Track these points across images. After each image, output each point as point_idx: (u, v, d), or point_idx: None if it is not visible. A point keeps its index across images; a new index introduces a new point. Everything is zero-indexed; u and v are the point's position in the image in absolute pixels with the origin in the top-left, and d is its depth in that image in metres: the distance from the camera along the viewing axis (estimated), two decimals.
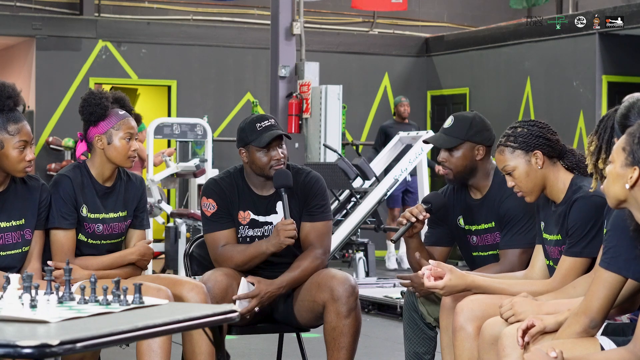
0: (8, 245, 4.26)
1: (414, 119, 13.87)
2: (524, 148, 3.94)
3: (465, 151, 4.41)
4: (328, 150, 11.36)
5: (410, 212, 4.41)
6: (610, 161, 3.06)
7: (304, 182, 4.76)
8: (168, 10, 14.82)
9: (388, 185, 9.90)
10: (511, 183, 3.98)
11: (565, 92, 13.03)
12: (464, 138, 4.40)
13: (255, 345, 6.95)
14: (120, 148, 4.48)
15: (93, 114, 4.47)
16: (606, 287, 3.25)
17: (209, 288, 4.49)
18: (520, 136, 3.96)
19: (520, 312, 3.58)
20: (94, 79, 13.87)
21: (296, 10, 12.18)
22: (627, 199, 3.02)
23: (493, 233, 4.44)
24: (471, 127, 4.42)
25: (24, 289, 3.17)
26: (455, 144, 4.40)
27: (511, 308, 3.60)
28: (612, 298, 3.27)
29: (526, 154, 3.94)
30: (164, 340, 4.16)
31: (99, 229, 4.49)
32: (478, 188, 4.48)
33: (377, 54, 15.22)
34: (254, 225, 4.75)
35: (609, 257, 3.24)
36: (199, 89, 14.41)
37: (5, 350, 2.68)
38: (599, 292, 3.27)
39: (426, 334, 4.51)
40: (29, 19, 13.67)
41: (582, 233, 3.78)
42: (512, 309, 3.60)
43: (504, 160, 3.97)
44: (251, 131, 4.69)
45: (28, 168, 4.25)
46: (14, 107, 4.23)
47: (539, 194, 3.98)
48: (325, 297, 4.54)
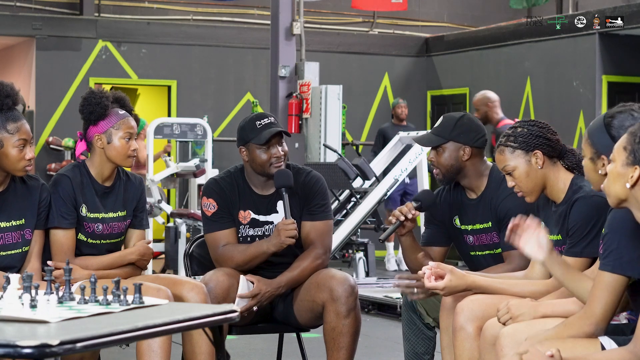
0: (8, 245, 4.26)
1: (414, 119, 13.87)
2: (524, 148, 3.95)
3: (451, 152, 4.43)
4: (328, 150, 11.36)
5: (399, 210, 4.41)
6: (611, 160, 3.07)
7: (304, 181, 4.76)
8: (168, 10, 14.82)
9: (388, 185, 9.89)
10: (511, 183, 3.98)
11: (565, 92, 13.03)
12: (447, 138, 4.43)
13: (255, 345, 6.95)
14: (120, 148, 4.48)
15: (93, 113, 4.47)
16: (610, 291, 3.23)
17: (210, 288, 4.49)
18: (520, 136, 3.96)
19: (517, 314, 3.58)
20: (94, 79, 13.87)
21: (296, 10, 12.18)
22: (628, 198, 3.03)
23: (489, 233, 4.44)
24: (455, 127, 4.44)
25: (24, 289, 3.17)
26: (438, 143, 4.44)
27: (508, 311, 3.60)
28: (616, 302, 3.24)
29: (526, 153, 3.94)
30: (163, 340, 4.16)
31: (99, 229, 4.49)
32: (472, 188, 4.48)
33: (377, 54, 15.22)
34: (255, 225, 4.75)
35: (612, 260, 3.22)
36: (199, 89, 14.41)
37: (5, 350, 2.68)
38: (603, 298, 3.23)
39: (425, 334, 4.51)
40: (29, 19, 13.67)
41: (583, 233, 3.78)
42: (509, 312, 3.60)
43: (504, 160, 3.97)
44: (251, 129, 4.69)
45: (28, 167, 4.25)
46: (13, 106, 4.23)
47: (539, 194, 3.97)
48: (324, 297, 4.53)
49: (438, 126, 4.50)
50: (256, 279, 4.63)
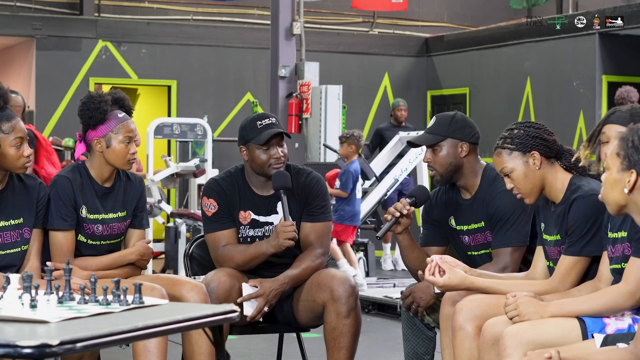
0: (7, 244, 4.26)
1: (414, 119, 13.86)
2: (521, 149, 3.94)
3: (449, 149, 4.43)
4: (328, 150, 11.36)
5: (394, 207, 4.41)
6: (605, 168, 3.06)
7: (304, 182, 4.76)
8: (168, 10, 14.82)
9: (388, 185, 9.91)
10: (510, 185, 3.97)
11: (565, 92, 13.03)
12: (445, 134, 4.43)
13: (255, 345, 6.95)
14: (119, 151, 4.46)
15: (92, 118, 4.45)
16: None
17: (212, 288, 4.49)
18: (516, 137, 3.96)
19: (525, 313, 3.57)
20: (94, 79, 13.87)
21: (296, 10, 12.18)
22: (627, 204, 3.02)
23: (484, 232, 4.44)
24: (451, 123, 4.45)
25: (24, 289, 3.17)
26: (436, 140, 4.43)
27: (516, 308, 3.60)
28: None
29: (523, 155, 3.94)
30: (160, 340, 4.16)
31: (99, 230, 4.48)
32: (467, 188, 4.48)
33: (377, 54, 15.22)
34: (255, 226, 4.75)
35: None
36: (199, 89, 14.41)
37: (5, 350, 2.68)
38: None
39: (425, 334, 4.51)
40: (29, 19, 13.66)
41: (582, 232, 3.78)
42: (517, 309, 3.59)
43: (502, 162, 3.97)
44: (251, 129, 4.69)
45: (27, 163, 4.25)
46: (4, 105, 4.21)
47: (538, 195, 3.97)
48: (325, 297, 4.54)
49: (433, 125, 4.49)
50: (259, 282, 4.62)
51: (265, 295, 4.59)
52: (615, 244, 3.55)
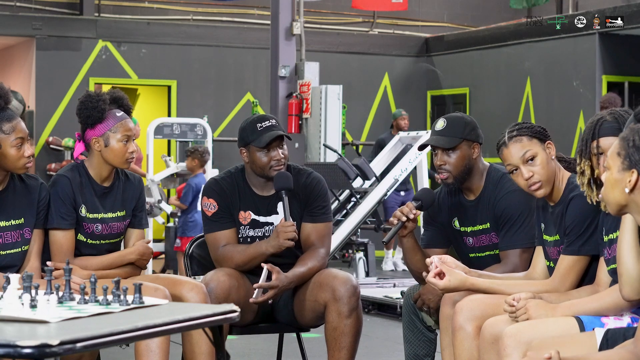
0: (7, 244, 4.26)
1: (414, 119, 13.86)
2: (538, 137, 3.93)
3: (463, 150, 4.39)
4: (328, 150, 11.36)
5: (400, 211, 4.38)
6: (606, 168, 3.06)
7: (305, 183, 4.75)
8: (168, 10, 14.82)
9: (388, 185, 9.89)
10: (529, 173, 3.88)
11: (565, 92, 13.03)
12: (461, 137, 4.39)
13: (255, 345, 6.95)
14: (118, 150, 4.46)
15: (90, 117, 4.44)
16: None
17: (211, 288, 4.49)
18: (529, 128, 3.95)
19: (536, 316, 3.55)
20: (94, 79, 13.87)
21: (296, 10, 12.18)
22: (628, 204, 3.02)
23: (489, 234, 4.42)
24: (466, 125, 4.42)
25: (24, 289, 3.17)
26: (455, 143, 4.38)
27: (526, 312, 3.58)
28: None
29: (542, 142, 3.93)
30: (162, 340, 4.16)
31: (98, 229, 4.48)
32: (472, 189, 4.46)
33: (377, 54, 15.22)
34: (255, 226, 4.75)
35: None
36: (199, 89, 14.41)
37: (5, 350, 2.68)
38: None
39: (426, 336, 4.50)
40: (29, 19, 13.67)
41: (580, 231, 3.78)
42: (527, 313, 3.57)
43: (524, 147, 3.89)
44: (252, 131, 4.69)
45: (28, 164, 4.25)
46: (5, 105, 4.21)
47: (551, 187, 3.93)
48: (326, 297, 4.53)
49: (447, 128, 4.40)
50: (276, 271, 4.58)
51: (277, 290, 4.56)
52: (611, 245, 3.54)
